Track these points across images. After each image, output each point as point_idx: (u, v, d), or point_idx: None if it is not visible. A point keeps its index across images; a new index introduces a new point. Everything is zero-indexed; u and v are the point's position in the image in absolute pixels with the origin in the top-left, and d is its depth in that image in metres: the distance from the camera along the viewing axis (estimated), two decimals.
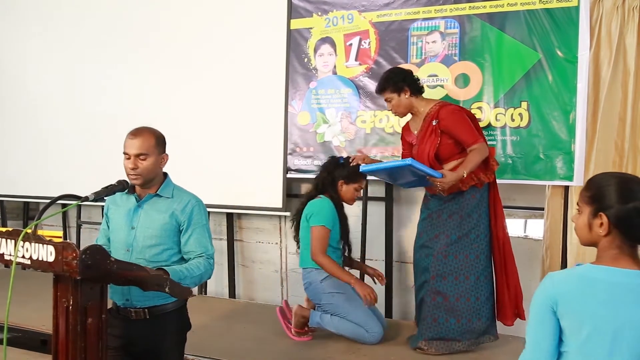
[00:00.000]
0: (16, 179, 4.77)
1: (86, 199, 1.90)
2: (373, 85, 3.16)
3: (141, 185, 2.09)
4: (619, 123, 3.01)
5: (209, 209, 2.58)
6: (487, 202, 2.87)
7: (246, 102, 3.90)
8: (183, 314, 2.18)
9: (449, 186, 2.68)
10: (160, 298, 2.04)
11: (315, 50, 3.72)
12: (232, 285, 4.17)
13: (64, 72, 4.55)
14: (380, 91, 2.95)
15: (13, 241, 1.67)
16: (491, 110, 3.24)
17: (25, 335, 3.21)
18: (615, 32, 2.98)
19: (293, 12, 3.77)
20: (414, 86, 2.90)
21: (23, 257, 1.65)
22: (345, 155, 3.62)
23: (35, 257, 1.62)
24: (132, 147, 2.04)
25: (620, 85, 2.99)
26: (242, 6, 3.94)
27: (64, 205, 3.51)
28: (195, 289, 2.48)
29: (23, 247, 1.64)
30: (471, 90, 3.30)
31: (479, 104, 3.27)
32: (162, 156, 2.12)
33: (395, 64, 3.46)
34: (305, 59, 3.75)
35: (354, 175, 3.04)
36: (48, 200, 1.87)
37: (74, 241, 4.68)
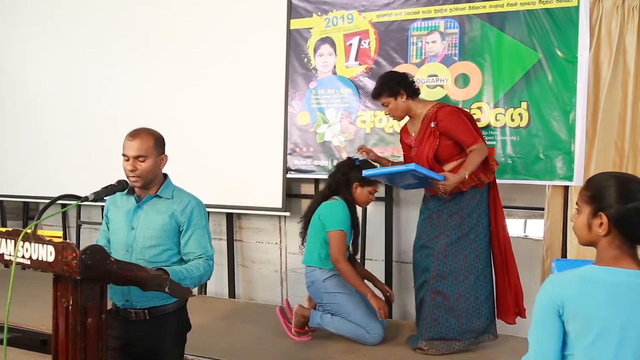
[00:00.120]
0: (16, 179, 4.77)
1: (86, 199, 1.90)
2: (373, 85, 3.16)
3: (141, 186, 2.09)
4: (619, 123, 3.00)
5: (209, 209, 2.58)
6: (486, 202, 2.88)
7: (246, 102, 3.91)
8: (183, 314, 2.18)
9: (451, 188, 2.68)
10: (160, 299, 2.04)
11: (315, 50, 3.72)
12: (232, 285, 4.17)
13: (64, 72, 4.55)
14: (377, 96, 2.95)
15: (13, 241, 1.67)
16: (491, 110, 3.24)
17: (25, 335, 3.21)
18: (615, 32, 2.97)
19: (293, 12, 3.77)
20: (410, 89, 2.90)
21: (23, 257, 1.65)
22: (345, 155, 3.62)
23: (35, 257, 1.62)
24: (131, 149, 2.03)
25: (620, 85, 2.99)
26: (242, 6, 3.94)
27: (63, 205, 3.51)
28: (195, 289, 2.47)
29: (23, 247, 1.64)
30: (471, 91, 3.30)
31: (479, 104, 3.27)
32: (162, 157, 2.11)
33: (395, 64, 3.47)
34: (305, 59, 3.75)
35: (369, 178, 3.02)
36: (48, 200, 1.87)
37: (73, 241, 4.68)
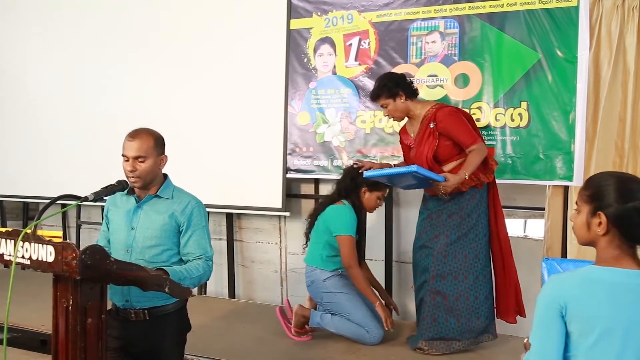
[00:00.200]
0: (16, 179, 4.77)
1: (86, 199, 1.90)
2: (373, 85, 3.16)
3: (140, 187, 2.09)
4: (619, 123, 3.00)
5: (209, 209, 2.58)
6: (486, 202, 2.88)
7: (246, 102, 3.90)
8: (183, 315, 2.18)
9: (451, 189, 2.68)
10: (160, 299, 2.04)
11: (315, 51, 3.72)
12: (232, 285, 4.17)
13: (64, 72, 4.55)
14: (375, 98, 2.95)
15: (13, 241, 1.67)
16: (491, 110, 3.24)
17: (25, 336, 3.21)
18: (615, 32, 2.97)
19: (293, 12, 3.77)
20: (409, 90, 2.90)
21: (23, 257, 1.65)
22: (345, 155, 3.62)
23: (35, 257, 1.62)
24: (131, 150, 2.03)
25: (620, 85, 2.99)
26: (242, 6, 3.94)
27: (63, 206, 3.51)
28: (195, 289, 2.48)
29: (23, 247, 1.64)
30: (471, 90, 3.30)
31: (479, 104, 3.27)
32: (161, 157, 2.11)
33: (395, 64, 3.47)
34: (305, 59, 3.75)
35: (378, 184, 3.01)
36: (48, 201, 1.87)
37: (73, 241, 4.68)
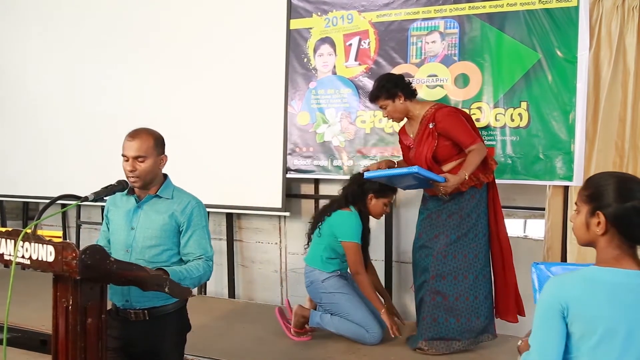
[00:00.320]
0: (16, 179, 4.77)
1: (86, 199, 1.90)
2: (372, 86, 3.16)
3: (140, 187, 2.09)
4: (619, 123, 3.00)
5: (209, 209, 2.58)
6: (486, 202, 2.88)
7: (246, 102, 3.90)
8: (183, 315, 2.18)
9: (451, 189, 2.69)
10: (160, 299, 2.04)
11: (315, 51, 3.72)
12: (232, 285, 4.17)
13: (64, 72, 4.55)
14: (374, 99, 2.95)
15: (13, 241, 1.67)
16: (491, 111, 3.24)
17: (25, 336, 3.21)
18: (615, 32, 2.97)
19: (293, 12, 3.76)
20: (407, 90, 2.90)
21: (23, 257, 1.65)
22: (345, 155, 3.62)
23: (35, 257, 1.62)
24: (130, 150, 2.03)
25: (620, 85, 2.99)
26: (242, 6, 3.94)
27: (63, 206, 3.51)
28: (195, 289, 2.48)
29: (23, 247, 1.64)
30: (471, 91, 3.30)
31: (479, 104, 3.27)
32: (161, 157, 2.11)
33: (394, 64, 3.47)
34: (305, 59, 3.75)
35: (384, 190, 3.01)
36: (48, 201, 1.87)
37: (73, 241, 4.68)
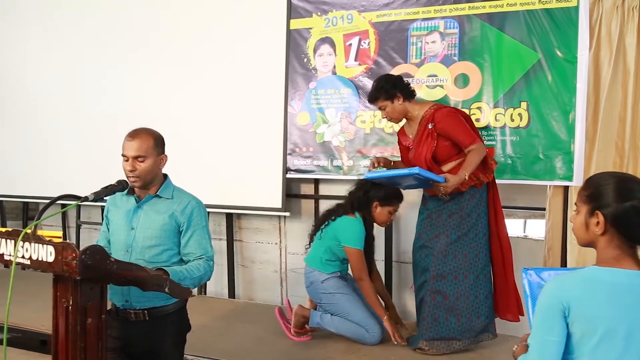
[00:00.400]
0: (16, 179, 4.77)
1: (86, 199, 1.90)
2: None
3: (140, 187, 2.09)
4: (620, 123, 3.00)
5: (209, 209, 2.58)
6: (486, 202, 2.88)
7: (246, 102, 3.90)
8: (183, 315, 2.18)
9: (451, 189, 2.69)
10: (160, 299, 2.04)
11: (315, 51, 3.72)
12: (232, 285, 4.17)
13: (64, 72, 4.55)
14: (373, 100, 2.95)
15: (13, 241, 1.67)
16: (491, 111, 3.25)
17: (25, 336, 3.21)
18: (615, 32, 2.97)
19: (293, 12, 3.76)
20: (406, 91, 2.90)
21: (23, 257, 1.65)
22: (344, 155, 3.62)
23: (35, 257, 1.62)
24: (130, 149, 2.03)
25: (620, 85, 2.99)
26: (242, 6, 3.94)
27: (63, 206, 3.51)
28: (195, 289, 2.48)
29: (23, 247, 1.64)
30: (471, 91, 3.30)
31: (479, 104, 3.27)
32: (161, 157, 2.11)
33: (394, 64, 3.47)
34: (305, 59, 3.75)
35: (390, 198, 3.00)
36: (48, 201, 1.87)
37: (73, 241, 4.68)
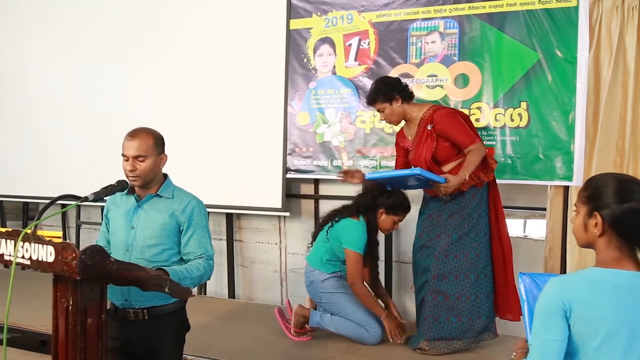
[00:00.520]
0: (16, 179, 4.77)
1: (86, 199, 1.90)
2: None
3: (140, 186, 2.09)
4: (620, 123, 3.00)
5: (209, 209, 2.58)
6: (486, 201, 2.89)
7: (246, 102, 3.90)
8: (182, 315, 2.18)
9: (452, 190, 2.69)
10: (160, 299, 2.03)
11: (315, 51, 3.72)
12: (232, 285, 4.17)
13: (64, 72, 4.55)
14: (372, 103, 2.95)
15: (13, 241, 1.67)
16: (490, 111, 3.25)
17: (25, 336, 3.21)
18: (615, 32, 2.97)
19: (292, 12, 3.77)
20: (405, 93, 2.91)
21: (23, 257, 1.65)
22: (344, 155, 3.62)
23: (35, 258, 1.62)
24: (130, 149, 2.03)
25: (620, 85, 2.99)
26: (242, 6, 3.94)
27: (63, 206, 3.51)
28: (194, 289, 2.48)
29: (23, 247, 1.64)
30: (470, 91, 3.30)
31: (479, 104, 3.28)
32: (161, 157, 2.11)
33: (394, 64, 3.47)
34: (305, 59, 3.75)
35: (397, 208, 3.00)
36: (48, 201, 1.87)
37: (73, 241, 4.68)
